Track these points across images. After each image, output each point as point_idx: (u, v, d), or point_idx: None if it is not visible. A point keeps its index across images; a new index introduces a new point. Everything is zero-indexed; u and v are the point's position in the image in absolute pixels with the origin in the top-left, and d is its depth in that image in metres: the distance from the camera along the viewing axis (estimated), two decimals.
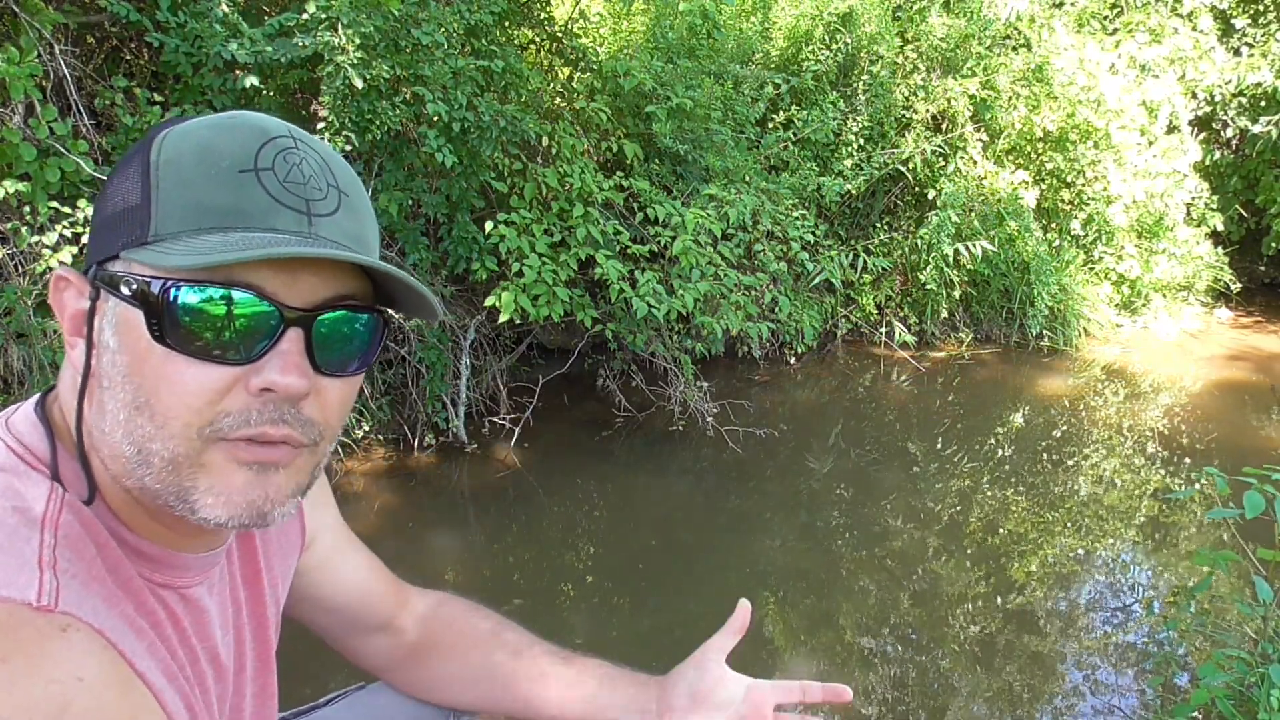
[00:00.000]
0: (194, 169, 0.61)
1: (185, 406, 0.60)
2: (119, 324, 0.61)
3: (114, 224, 0.63)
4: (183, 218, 0.60)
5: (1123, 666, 2.76)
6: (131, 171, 0.63)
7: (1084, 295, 6.54)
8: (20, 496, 0.60)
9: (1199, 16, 7.46)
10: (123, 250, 0.61)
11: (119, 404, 0.61)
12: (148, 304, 0.60)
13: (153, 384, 0.60)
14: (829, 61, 6.00)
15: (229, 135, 0.63)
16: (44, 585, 0.56)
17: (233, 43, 3.43)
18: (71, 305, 0.65)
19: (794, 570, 3.36)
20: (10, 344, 3.08)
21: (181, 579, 0.69)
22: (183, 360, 0.60)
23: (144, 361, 0.60)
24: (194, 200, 0.60)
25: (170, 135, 0.63)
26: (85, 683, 0.54)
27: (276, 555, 0.86)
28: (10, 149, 2.99)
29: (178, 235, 0.59)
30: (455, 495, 3.91)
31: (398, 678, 1.06)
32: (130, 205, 0.62)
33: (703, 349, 4.58)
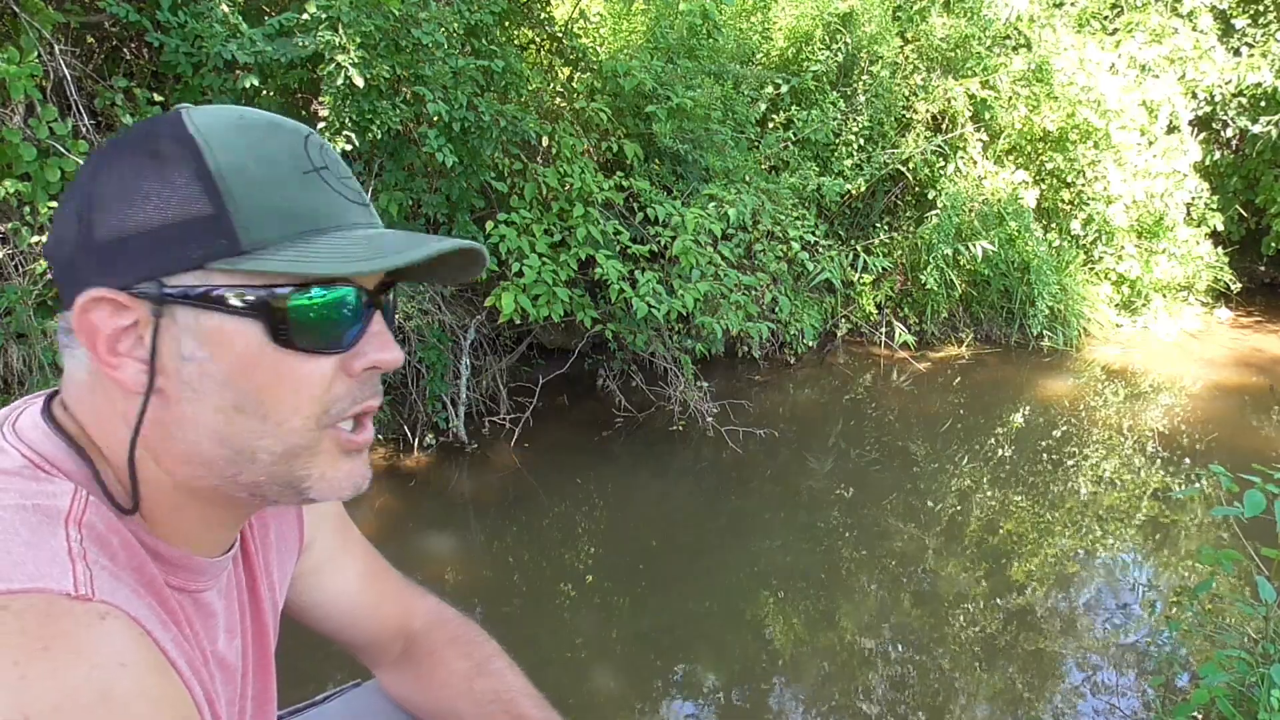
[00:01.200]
0: (262, 174, 0.62)
1: (307, 399, 0.65)
2: (209, 334, 0.62)
3: (171, 236, 0.61)
4: (275, 225, 0.62)
5: (1123, 666, 2.76)
6: (178, 180, 0.61)
7: (1084, 295, 6.53)
8: (41, 495, 0.61)
9: (1199, 16, 7.45)
10: (207, 261, 0.61)
11: (209, 410, 0.63)
12: (272, 312, 0.62)
13: (265, 385, 0.63)
14: (829, 61, 6.00)
15: (270, 135, 0.64)
16: (78, 575, 0.56)
17: (233, 43, 3.43)
18: (108, 325, 0.63)
19: (794, 570, 3.36)
20: (10, 344, 3.08)
21: (195, 583, 0.70)
22: (298, 358, 0.64)
23: (254, 366, 0.63)
24: (277, 206, 0.62)
25: (212, 140, 0.62)
26: (127, 668, 0.55)
27: (275, 558, 0.86)
28: (10, 149, 2.99)
29: (278, 242, 0.62)
30: (455, 495, 3.91)
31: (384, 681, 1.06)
32: (196, 215, 0.60)
33: (703, 349, 4.58)
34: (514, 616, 2.96)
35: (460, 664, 1.03)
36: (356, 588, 1.00)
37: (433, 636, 1.04)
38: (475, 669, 1.02)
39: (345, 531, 1.00)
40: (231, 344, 0.62)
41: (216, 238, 0.61)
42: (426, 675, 1.03)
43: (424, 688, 1.03)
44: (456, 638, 1.05)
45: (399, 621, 1.04)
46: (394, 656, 1.04)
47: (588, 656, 2.79)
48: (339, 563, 0.98)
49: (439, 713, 1.02)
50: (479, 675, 1.02)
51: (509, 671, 1.03)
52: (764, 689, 2.66)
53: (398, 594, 1.04)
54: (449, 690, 1.02)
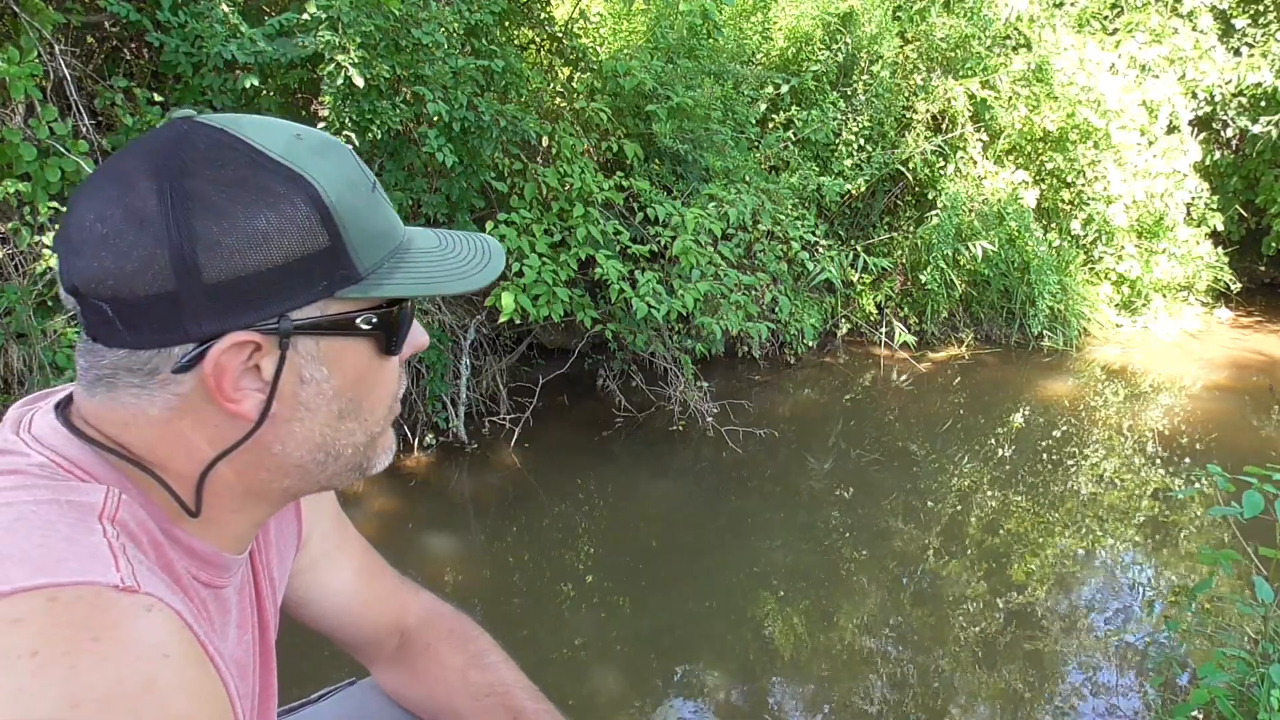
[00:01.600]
0: (355, 200, 0.66)
1: (391, 395, 0.74)
2: (329, 357, 0.67)
3: (298, 269, 0.63)
4: (376, 248, 0.67)
5: (1123, 666, 2.76)
6: (298, 216, 0.62)
7: (1084, 295, 6.53)
8: (74, 492, 0.61)
9: (1199, 16, 7.45)
10: (332, 291, 0.65)
11: (317, 424, 0.68)
12: (388, 329, 0.69)
13: (368, 389, 0.71)
14: (829, 61, 6.00)
15: (342, 159, 0.68)
16: (121, 568, 0.57)
17: (233, 43, 3.43)
18: (234, 364, 0.63)
19: (794, 570, 3.36)
20: (10, 344, 3.08)
21: (220, 579, 0.72)
22: (389, 361, 0.72)
23: (363, 376, 0.70)
24: (372, 229, 0.67)
25: (312, 169, 0.64)
26: (171, 659, 0.56)
27: (276, 554, 0.87)
28: (10, 149, 2.99)
29: (381, 265, 0.67)
30: (455, 495, 3.91)
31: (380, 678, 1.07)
32: (315, 250, 0.63)
33: (703, 349, 4.58)
34: (514, 616, 2.96)
35: (455, 658, 1.03)
36: (352, 584, 1.00)
37: (427, 632, 1.05)
38: (470, 663, 1.03)
39: (341, 528, 1.00)
40: (347, 361, 0.68)
41: (337, 268, 0.64)
42: (422, 670, 1.03)
43: (419, 683, 1.03)
44: (451, 632, 1.05)
45: (394, 617, 1.04)
46: (389, 653, 1.04)
47: (588, 656, 2.79)
48: (335, 559, 0.99)
49: (435, 708, 1.03)
50: (474, 669, 1.02)
51: (504, 665, 1.03)
52: (764, 689, 2.67)
53: (393, 590, 1.04)
54: (444, 685, 1.02)
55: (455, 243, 0.74)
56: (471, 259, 0.72)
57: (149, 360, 0.62)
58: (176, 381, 0.63)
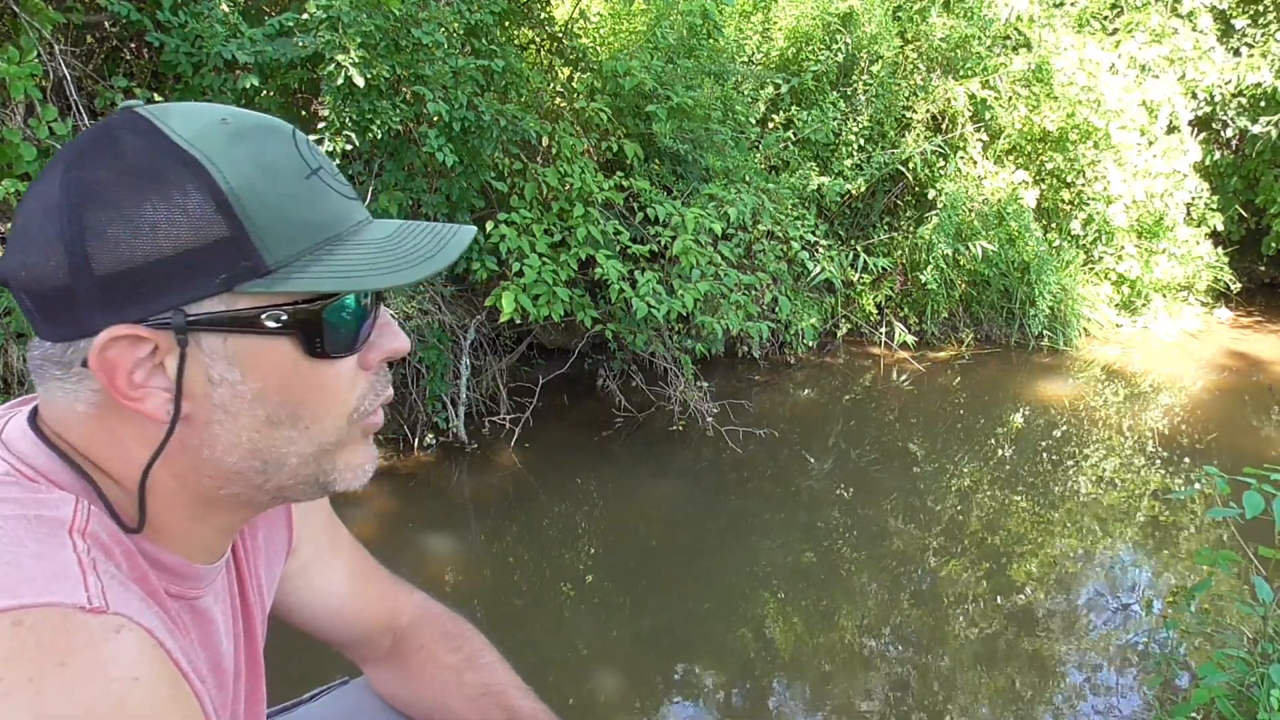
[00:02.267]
0: (269, 188, 0.60)
1: (338, 402, 0.67)
2: (241, 356, 0.62)
3: (192, 261, 0.58)
4: (291, 239, 0.61)
5: (1123, 666, 2.77)
6: (190, 204, 0.58)
7: (1084, 295, 6.54)
8: (42, 505, 0.60)
9: (1199, 16, 7.45)
10: (233, 285, 0.59)
11: (241, 429, 0.63)
12: (306, 327, 0.63)
13: (301, 395, 0.65)
14: (829, 61, 6.00)
15: (267, 142, 0.62)
16: (90, 587, 0.56)
17: (233, 43, 3.43)
18: (126, 360, 0.60)
19: (794, 570, 3.36)
20: (10, 344, 3.08)
21: (192, 590, 0.70)
22: (328, 365, 0.65)
23: (288, 380, 0.64)
24: (287, 218, 0.61)
25: (214, 155, 0.59)
26: (141, 681, 0.54)
27: (264, 560, 0.86)
28: (10, 149, 2.99)
29: (299, 257, 0.61)
30: (455, 495, 3.91)
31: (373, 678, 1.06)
32: (213, 239, 0.58)
33: (703, 349, 4.58)
34: (514, 616, 2.96)
35: (449, 658, 1.03)
36: (344, 586, 1.00)
37: (420, 632, 1.04)
38: (464, 663, 1.02)
39: (333, 531, 1.00)
40: (264, 363, 0.62)
41: (239, 260, 0.59)
42: (415, 671, 1.03)
43: (413, 683, 1.03)
44: (445, 633, 1.05)
45: (386, 618, 1.03)
46: (382, 653, 1.04)
47: (588, 656, 2.79)
48: (326, 563, 0.98)
49: (429, 708, 1.02)
50: (468, 669, 1.02)
51: (499, 665, 1.03)
52: (764, 689, 2.67)
53: (385, 591, 1.04)
54: (438, 685, 1.01)
55: (410, 234, 0.67)
56: (420, 249, 0.65)
57: (65, 353, 0.61)
58: (90, 376, 0.61)
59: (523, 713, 0.99)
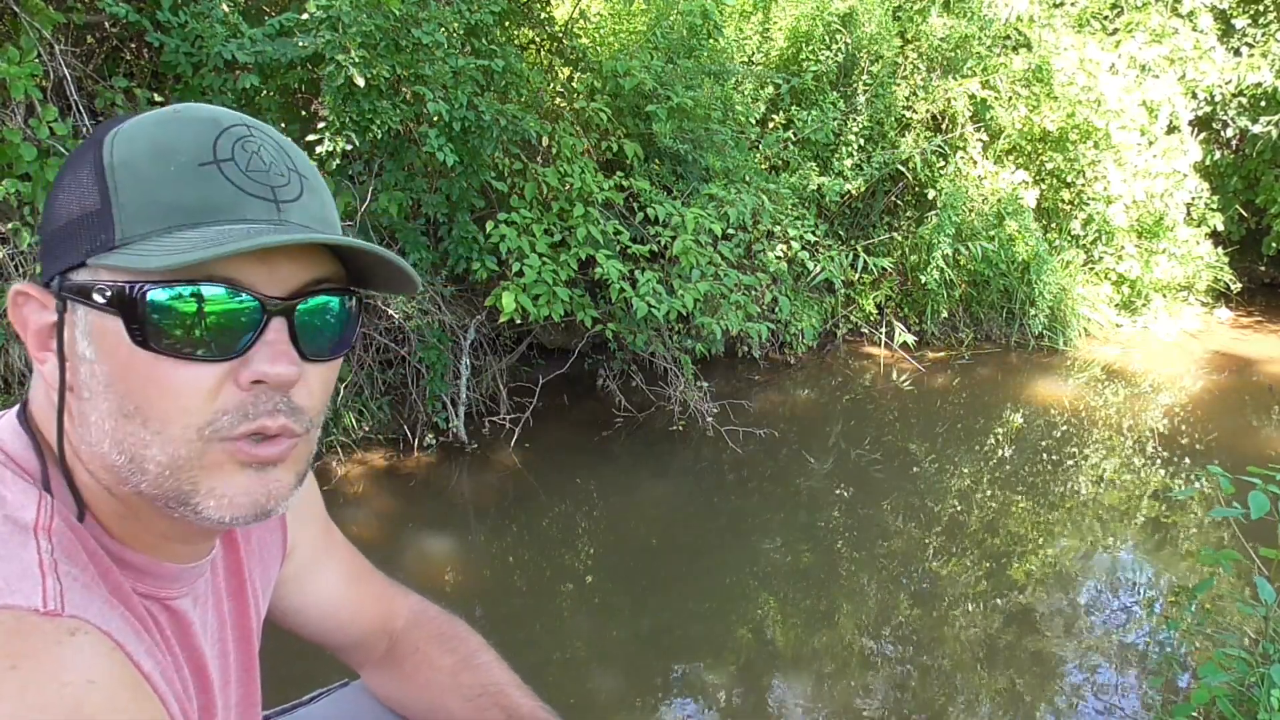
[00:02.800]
0: (152, 167, 0.60)
1: (181, 409, 0.60)
2: (94, 333, 0.60)
3: (72, 231, 0.61)
4: (149, 218, 0.59)
5: (1124, 666, 2.76)
6: (83, 175, 0.61)
7: (1084, 295, 6.54)
8: (9, 504, 0.60)
9: (1199, 16, 7.45)
10: (89, 257, 0.59)
11: (103, 414, 0.61)
12: (126, 310, 0.58)
13: (141, 390, 0.60)
14: (829, 61, 6.00)
15: (181, 129, 0.61)
16: (48, 590, 0.55)
17: (233, 43, 3.43)
18: (35, 320, 0.63)
19: (794, 570, 3.36)
20: (10, 344, 3.08)
21: (165, 590, 0.69)
22: (169, 362, 0.59)
23: (129, 369, 0.59)
24: (157, 199, 0.59)
25: (120, 135, 0.61)
26: (97, 684, 0.54)
27: (259, 565, 0.86)
28: (11, 149, 2.99)
29: (147, 236, 0.58)
30: (455, 495, 3.91)
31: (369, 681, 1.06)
32: (88, 210, 0.60)
33: (703, 349, 4.58)
34: (514, 617, 2.96)
35: (446, 659, 1.02)
36: (339, 589, 0.99)
37: (416, 634, 1.04)
38: (461, 664, 1.02)
39: (328, 535, 0.99)
40: (110, 345, 0.60)
41: (98, 232, 0.59)
42: (411, 672, 1.02)
43: (410, 685, 1.03)
44: (441, 634, 1.04)
45: (381, 621, 1.03)
46: (378, 656, 1.03)
47: (588, 656, 2.79)
48: (322, 565, 0.97)
49: (426, 709, 1.02)
50: (465, 669, 1.01)
51: (495, 665, 1.02)
52: (764, 689, 2.67)
53: (380, 594, 1.03)
54: (435, 686, 1.01)
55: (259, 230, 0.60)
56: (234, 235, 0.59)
57: None
58: None
59: (521, 711, 0.98)
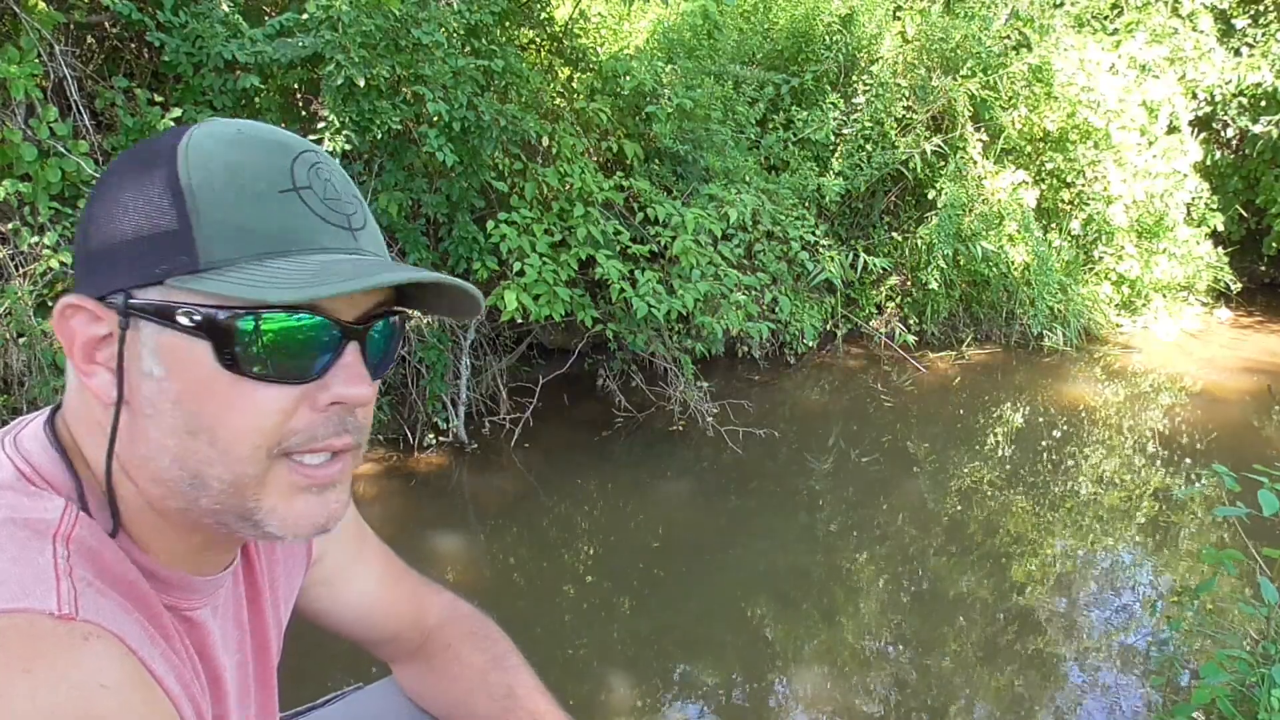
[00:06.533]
0: (231, 191, 0.60)
1: (256, 430, 0.61)
2: (165, 352, 0.61)
3: (142, 249, 0.60)
4: (234, 244, 0.60)
5: (1125, 666, 2.76)
6: (153, 192, 0.60)
7: (1084, 295, 6.53)
8: (30, 510, 0.60)
9: (1199, 17, 7.45)
10: (168, 278, 0.60)
11: (165, 430, 0.62)
12: (217, 334, 0.60)
13: (217, 410, 0.61)
14: (829, 61, 6.00)
15: (254, 152, 0.62)
16: (62, 594, 0.56)
17: (233, 43, 3.43)
18: (84, 332, 0.63)
19: (794, 570, 3.36)
20: (10, 344, 3.08)
21: (185, 601, 0.69)
22: (251, 384, 0.61)
23: (206, 389, 0.61)
24: (240, 224, 0.60)
25: (191, 153, 0.61)
26: (109, 689, 0.54)
27: (281, 575, 0.86)
28: (11, 149, 2.99)
29: (234, 262, 0.59)
30: (455, 495, 3.91)
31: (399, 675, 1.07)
32: (163, 230, 0.60)
33: (703, 349, 4.58)
34: (514, 616, 2.96)
35: (476, 658, 1.03)
36: (373, 592, 1.00)
37: (447, 631, 1.05)
38: (491, 663, 1.03)
39: (360, 540, 1.00)
40: (185, 364, 0.61)
41: (178, 254, 0.59)
42: (441, 669, 1.04)
43: (439, 681, 1.04)
44: (472, 633, 1.06)
45: (414, 618, 1.04)
46: (410, 651, 1.05)
47: (588, 656, 2.79)
48: (353, 572, 0.98)
49: (453, 705, 1.03)
50: (494, 669, 1.03)
51: (523, 669, 1.04)
52: (765, 688, 2.66)
53: (413, 592, 1.04)
54: (464, 684, 1.02)
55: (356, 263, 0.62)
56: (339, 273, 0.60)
57: None
58: None
59: (547, 718, 1.00)
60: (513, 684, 1.02)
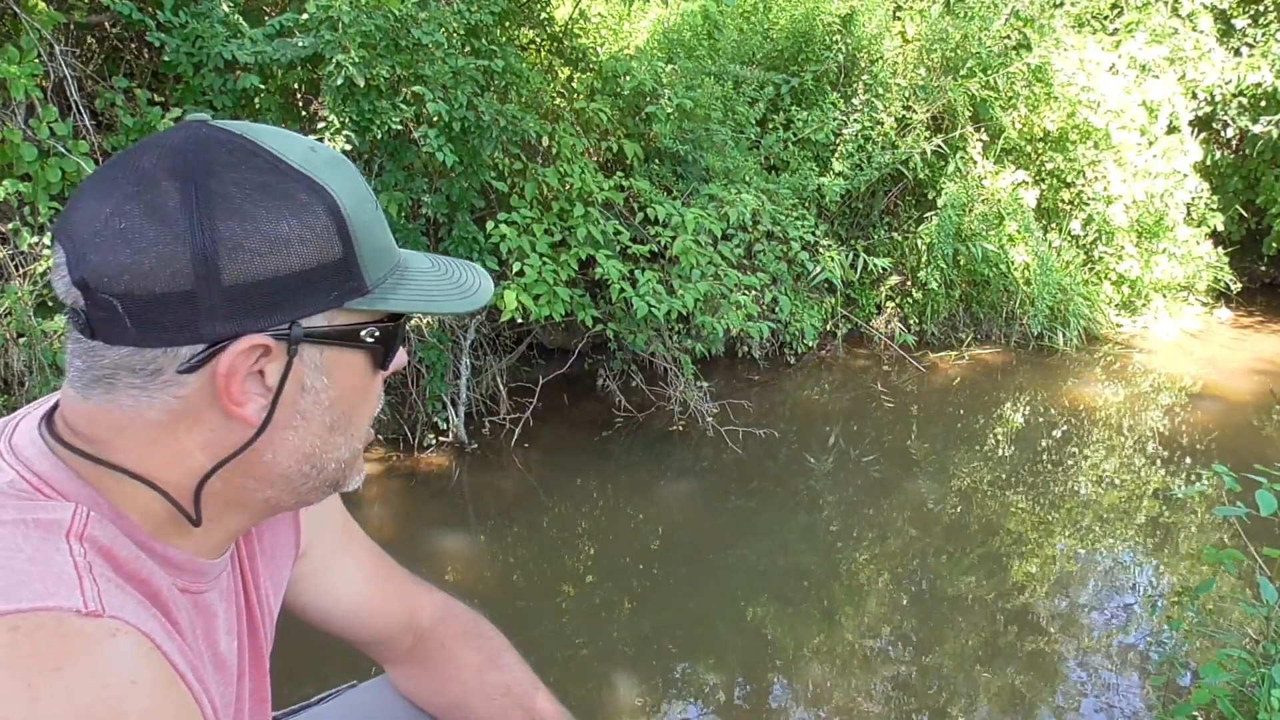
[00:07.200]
0: (365, 215, 0.67)
1: (373, 410, 0.74)
2: (330, 366, 0.67)
3: (312, 279, 0.64)
4: (380, 263, 0.68)
5: (1125, 666, 2.76)
6: (319, 226, 0.63)
7: (1084, 295, 6.53)
8: (38, 511, 0.60)
9: (1199, 17, 7.44)
10: (343, 303, 0.66)
11: (309, 435, 0.68)
12: (388, 343, 0.70)
13: (358, 404, 0.71)
14: (829, 61, 6.00)
15: (354, 174, 0.69)
16: (86, 591, 0.56)
17: (233, 43, 3.43)
18: (246, 366, 0.63)
19: (794, 570, 3.36)
20: (10, 344, 3.08)
21: (198, 584, 0.71)
22: (379, 376, 0.73)
23: (361, 389, 0.71)
24: (377, 245, 0.68)
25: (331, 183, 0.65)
26: (138, 685, 0.55)
27: (270, 560, 0.86)
28: (11, 149, 2.99)
29: (384, 280, 0.68)
30: (455, 495, 3.91)
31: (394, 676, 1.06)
32: (332, 260, 0.64)
33: (703, 349, 4.58)
34: (514, 616, 2.96)
35: (472, 657, 1.04)
36: (361, 588, 1.00)
37: (441, 631, 1.05)
38: (487, 662, 1.03)
39: (347, 531, 1.00)
40: (345, 373, 0.69)
41: (347, 280, 0.65)
42: (436, 669, 1.03)
43: (434, 682, 1.04)
44: (466, 632, 1.05)
45: (405, 618, 1.03)
46: (403, 652, 1.04)
47: (588, 656, 2.79)
48: (340, 563, 0.98)
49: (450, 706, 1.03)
50: (490, 669, 1.03)
51: (519, 666, 1.04)
52: (765, 688, 2.67)
53: (404, 591, 1.04)
54: (459, 684, 1.02)
55: (447, 267, 0.75)
56: (464, 283, 0.74)
57: (154, 359, 0.61)
58: (180, 383, 0.62)
59: (545, 715, 1.01)
60: (510, 682, 1.02)
